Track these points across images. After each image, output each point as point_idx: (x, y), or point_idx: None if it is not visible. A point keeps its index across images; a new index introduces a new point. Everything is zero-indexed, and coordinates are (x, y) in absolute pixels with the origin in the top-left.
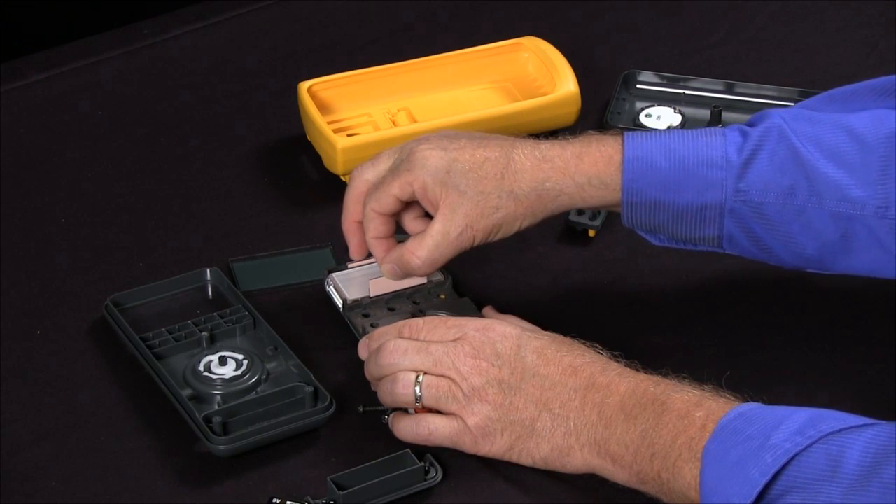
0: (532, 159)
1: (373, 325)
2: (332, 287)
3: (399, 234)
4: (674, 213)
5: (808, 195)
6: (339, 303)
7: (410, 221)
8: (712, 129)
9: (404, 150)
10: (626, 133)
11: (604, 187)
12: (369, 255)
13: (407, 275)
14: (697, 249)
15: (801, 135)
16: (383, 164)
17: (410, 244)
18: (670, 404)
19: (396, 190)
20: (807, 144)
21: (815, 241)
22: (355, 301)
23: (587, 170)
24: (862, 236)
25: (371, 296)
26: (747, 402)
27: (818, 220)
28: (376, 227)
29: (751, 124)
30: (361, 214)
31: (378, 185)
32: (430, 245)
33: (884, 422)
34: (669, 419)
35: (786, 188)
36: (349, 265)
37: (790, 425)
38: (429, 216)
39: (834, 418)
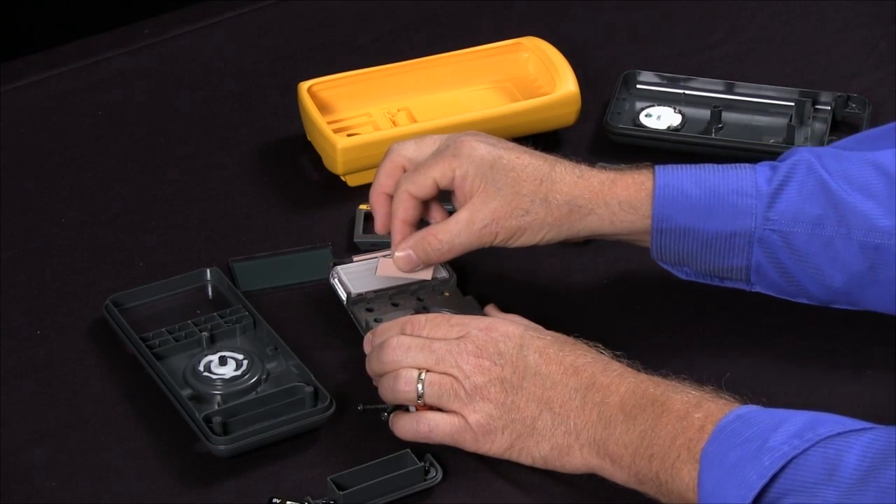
0: (572, 175)
1: (376, 320)
2: (336, 280)
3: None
4: (703, 240)
5: (837, 226)
6: (343, 296)
7: (436, 213)
8: (742, 164)
9: (451, 138)
10: (657, 165)
11: (633, 211)
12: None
13: (420, 264)
14: (724, 286)
15: (829, 169)
16: (427, 148)
17: (433, 227)
18: (670, 405)
19: (437, 173)
20: (835, 177)
21: (842, 273)
22: (359, 295)
23: (619, 194)
24: (890, 266)
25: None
26: (746, 403)
27: (846, 251)
28: (406, 210)
29: (780, 160)
30: (391, 188)
31: (417, 168)
32: (452, 230)
33: (881, 426)
34: (668, 420)
35: (814, 218)
36: (355, 258)
37: (788, 428)
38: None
39: (832, 422)
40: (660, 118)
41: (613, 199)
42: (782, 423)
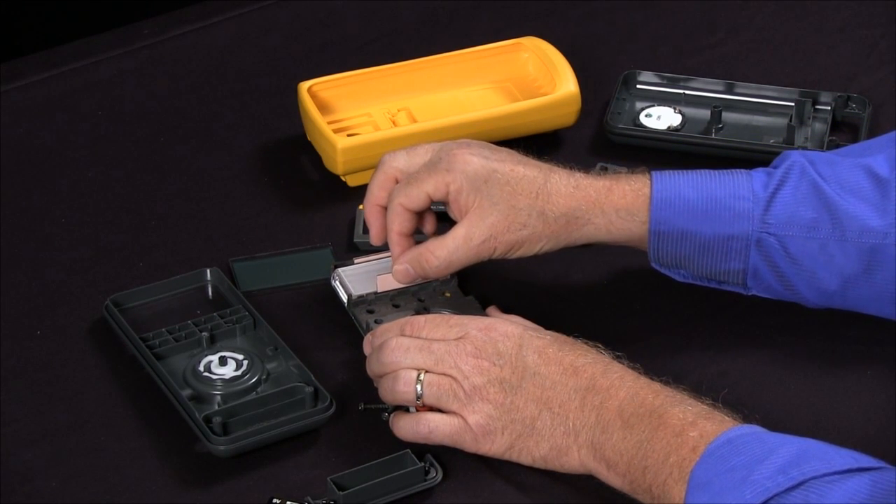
0: (568, 186)
1: (377, 322)
2: (337, 282)
3: (419, 234)
4: (700, 244)
5: (831, 228)
6: (345, 298)
7: (430, 224)
8: (738, 170)
9: (444, 150)
10: (653, 171)
11: (631, 218)
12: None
13: (418, 278)
14: (721, 289)
15: (823, 174)
16: (419, 158)
17: (430, 244)
18: (667, 419)
19: (430, 188)
20: (828, 182)
21: (837, 276)
22: (360, 297)
23: (616, 202)
24: (885, 266)
25: (378, 291)
26: (741, 424)
27: (841, 255)
28: (401, 223)
29: (774, 166)
30: (385, 200)
31: (409, 181)
32: (450, 247)
33: (867, 469)
34: (664, 435)
35: (809, 221)
36: (356, 260)
37: (775, 461)
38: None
39: (819, 458)
40: (660, 118)
41: (610, 207)
42: (770, 455)
